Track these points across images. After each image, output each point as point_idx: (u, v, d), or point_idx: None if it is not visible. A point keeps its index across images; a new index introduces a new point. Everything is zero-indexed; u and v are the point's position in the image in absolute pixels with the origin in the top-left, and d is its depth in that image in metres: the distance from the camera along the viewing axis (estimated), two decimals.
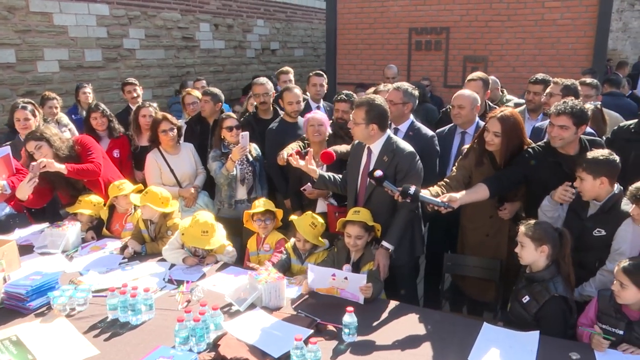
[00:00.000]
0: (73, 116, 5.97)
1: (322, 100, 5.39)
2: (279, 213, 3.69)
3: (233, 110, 6.28)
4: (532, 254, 2.68)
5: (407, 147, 3.29)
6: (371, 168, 3.27)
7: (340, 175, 3.60)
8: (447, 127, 4.07)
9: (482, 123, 3.70)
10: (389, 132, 3.33)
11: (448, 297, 4.07)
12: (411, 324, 2.71)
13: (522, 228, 2.73)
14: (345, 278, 2.87)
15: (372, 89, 4.71)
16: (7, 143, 4.38)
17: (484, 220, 3.48)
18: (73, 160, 3.93)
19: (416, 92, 3.87)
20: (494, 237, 3.50)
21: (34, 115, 4.59)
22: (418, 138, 3.73)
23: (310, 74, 5.41)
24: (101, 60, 8.47)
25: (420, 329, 2.67)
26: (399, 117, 3.82)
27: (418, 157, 3.27)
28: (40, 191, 3.87)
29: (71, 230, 3.70)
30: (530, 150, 3.25)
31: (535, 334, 2.48)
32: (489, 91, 4.50)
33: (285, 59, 12.86)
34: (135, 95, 5.84)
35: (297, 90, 4.54)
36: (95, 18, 8.31)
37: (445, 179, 3.35)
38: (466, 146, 3.57)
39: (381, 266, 3.12)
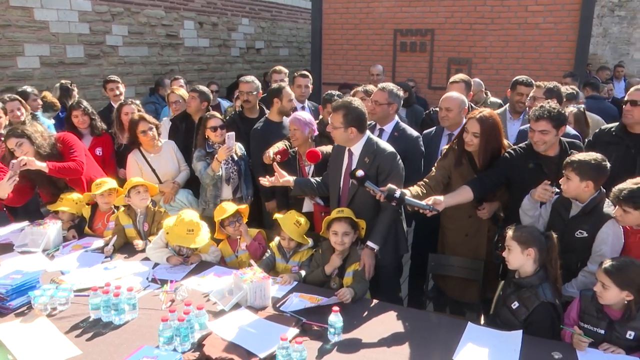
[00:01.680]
0: (60, 114, 5.86)
1: (307, 100, 5.39)
2: (246, 210, 3.70)
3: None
4: (519, 258, 2.69)
5: (388, 147, 3.31)
6: (351, 170, 3.29)
7: (318, 179, 3.61)
8: (434, 129, 4.10)
9: None
10: (368, 133, 3.35)
11: (431, 297, 4.10)
12: (395, 323, 2.73)
13: (509, 232, 2.76)
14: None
15: (354, 90, 4.74)
16: None
17: (463, 221, 3.51)
18: (55, 158, 3.87)
19: (401, 93, 3.89)
20: (474, 237, 3.53)
21: (24, 110, 4.56)
22: (403, 139, 3.75)
23: (296, 74, 5.41)
24: (83, 57, 8.35)
25: (405, 328, 2.68)
26: (383, 117, 3.84)
27: (399, 157, 3.30)
28: (21, 189, 3.81)
29: (52, 229, 3.65)
30: (511, 151, 3.29)
31: (518, 333, 2.51)
32: (471, 93, 4.54)
33: (270, 58, 12.82)
34: (117, 92, 5.77)
35: (289, 89, 4.56)
36: (78, 14, 8.18)
37: (424, 179, 3.37)
38: (445, 146, 3.60)
39: (367, 266, 3.13)
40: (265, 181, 3.50)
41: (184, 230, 3.30)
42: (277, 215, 3.43)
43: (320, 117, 4.66)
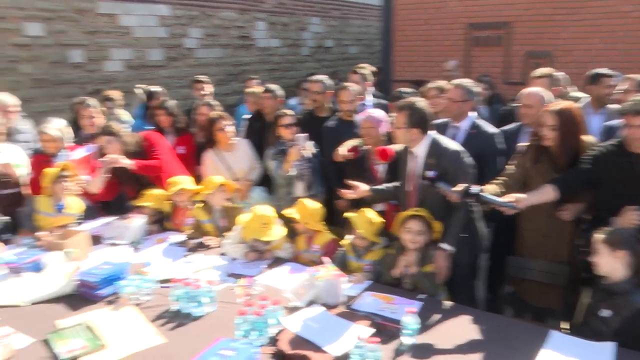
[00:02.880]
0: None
1: (370, 96, 5.33)
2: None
3: None
4: (609, 262, 2.53)
5: (452, 145, 3.22)
6: (418, 171, 3.23)
7: (397, 184, 3.57)
8: (513, 126, 3.94)
9: None
10: (432, 133, 3.27)
11: (510, 302, 3.94)
12: (472, 327, 2.64)
13: (598, 235, 2.60)
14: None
15: (425, 87, 4.64)
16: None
17: (543, 221, 3.33)
18: (140, 156, 4.11)
19: (478, 90, 3.77)
20: (553, 239, 3.35)
21: (99, 113, 4.82)
22: (480, 136, 3.64)
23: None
24: (163, 60, 8.77)
25: (482, 333, 2.59)
26: (459, 115, 3.73)
27: (466, 155, 3.20)
28: (110, 185, 4.10)
29: (137, 223, 3.85)
30: (598, 148, 3.09)
31: (611, 345, 2.34)
32: (555, 88, 4.31)
33: (339, 57, 12.87)
34: (204, 92, 5.99)
35: (353, 89, 4.51)
36: (157, 19, 8.60)
37: (502, 177, 3.25)
38: (523, 143, 3.44)
39: (441, 268, 3.06)
40: (344, 194, 3.52)
41: (259, 223, 3.38)
42: (349, 214, 3.42)
43: (391, 114, 4.61)
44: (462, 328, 2.62)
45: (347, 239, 3.47)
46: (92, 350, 2.39)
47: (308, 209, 3.57)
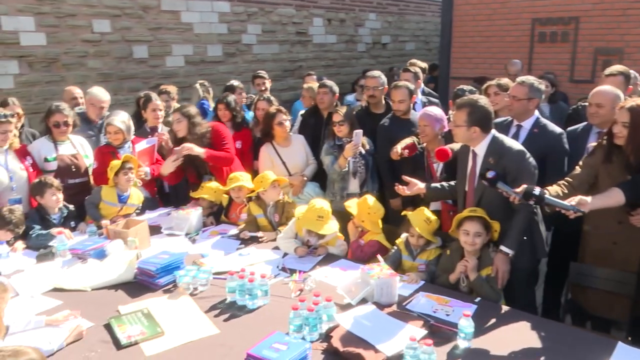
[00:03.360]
0: (204, 106, 6.31)
1: (420, 94, 5.23)
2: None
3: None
4: None
5: (515, 145, 3.10)
6: (477, 171, 3.12)
7: (452, 182, 3.49)
8: (581, 126, 3.74)
9: None
10: (493, 132, 3.15)
11: (570, 310, 3.76)
12: (530, 333, 2.54)
13: None
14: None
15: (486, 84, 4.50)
16: None
17: (612, 227, 3.14)
18: (202, 145, 4.26)
19: (543, 87, 3.61)
20: (623, 246, 3.15)
21: (162, 107, 4.99)
22: (544, 136, 3.48)
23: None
24: (221, 55, 8.94)
25: (540, 341, 2.48)
26: (522, 113, 3.59)
27: (528, 155, 3.06)
28: (176, 170, 4.33)
29: (194, 215, 3.95)
30: None
31: None
32: (630, 87, 4.06)
33: (395, 53, 12.70)
34: (263, 88, 6.07)
35: (405, 89, 4.42)
36: (218, 15, 8.78)
37: (567, 178, 3.08)
38: (593, 143, 3.26)
39: (500, 272, 2.95)
40: (400, 190, 3.46)
41: (315, 216, 3.40)
42: (406, 212, 3.37)
43: (451, 112, 4.50)
44: (519, 334, 2.52)
45: (401, 238, 3.42)
46: (150, 337, 2.47)
47: (368, 207, 3.53)
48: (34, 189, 3.83)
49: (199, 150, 4.20)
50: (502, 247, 3.00)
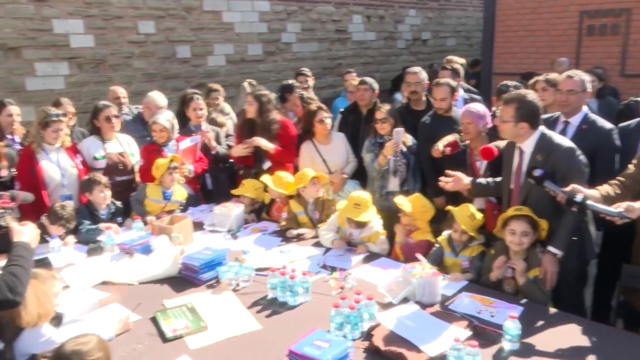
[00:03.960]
0: None
1: (462, 90, 5.12)
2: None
3: None
4: None
5: (565, 142, 2.99)
6: (524, 168, 3.03)
7: (497, 179, 3.40)
8: (634, 122, 3.58)
9: None
10: (542, 128, 3.05)
11: (621, 313, 3.61)
12: (579, 337, 2.45)
13: None
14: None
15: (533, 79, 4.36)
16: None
17: None
18: (268, 132, 4.49)
19: (589, 79, 3.47)
20: None
21: (205, 106, 5.07)
22: (593, 132, 3.36)
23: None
24: (261, 54, 9.04)
25: (590, 345, 2.40)
26: (578, 107, 3.47)
27: (579, 152, 2.95)
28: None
29: (235, 211, 4.00)
30: None
31: None
32: None
33: (436, 49, 12.52)
34: (306, 85, 6.10)
35: (446, 87, 4.34)
36: (258, 14, 8.88)
37: (619, 177, 2.95)
38: None
39: (549, 274, 2.86)
40: (444, 184, 3.40)
41: (352, 204, 3.43)
42: (450, 207, 3.31)
43: (494, 109, 4.40)
44: (568, 337, 2.44)
45: (444, 235, 3.37)
46: (194, 331, 2.52)
47: (421, 205, 3.50)
48: (84, 185, 3.97)
49: (268, 146, 4.41)
50: (550, 248, 2.90)
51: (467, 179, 3.38)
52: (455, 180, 3.37)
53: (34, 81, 6.60)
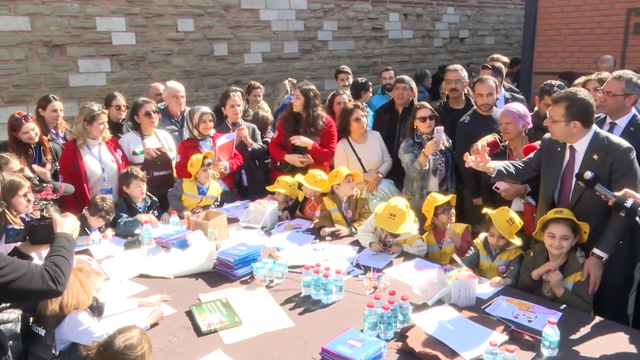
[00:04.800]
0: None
1: (503, 90, 5.00)
2: (453, 199, 3.60)
3: None
4: None
5: (623, 142, 2.86)
6: (577, 169, 2.92)
7: (518, 163, 3.28)
8: None
9: None
10: (595, 127, 2.93)
11: None
12: (623, 346, 2.36)
13: None
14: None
15: (581, 79, 4.21)
16: None
17: None
18: (313, 128, 4.55)
19: None
20: None
21: (242, 102, 5.12)
22: None
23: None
24: (297, 52, 9.07)
25: (632, 354, 2.31)
26: (617, 110, 3.34)
27: (635, 153, 2.83)
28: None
29: (270, 208, 4.02)
30: None
31: None
32: None
33: (474, 48, 12.30)
34: (347, 83, 6.09)
35: (491, 82, 4.25)
36: (295, 12, 8.90)
37: None
38: None
39: (592, 277, 2.76)
40: (470, 162, 3.26)
41: (387, 214, 3.36)
42: (488, 210, 3.24)
43: (536, 109, 4.29)
44: (610, 346, 2.36)
45: (480, 238, 3.30)
46: (228, 326, 2.55)
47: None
48: (122, 178, 4.08)
49: (307, 142, 4.46)
50: (596, 250, 2.80)
51: (492, 163, 3.23)
52: (481, 155, 3.23)
53: (76, 77, 6.81)
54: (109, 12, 6.93)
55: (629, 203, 2.44)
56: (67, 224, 2.21)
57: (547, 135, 3.14)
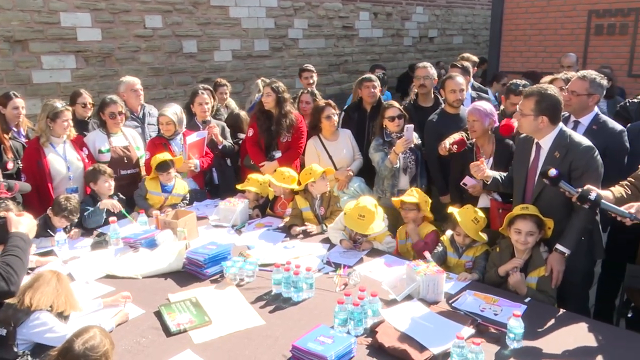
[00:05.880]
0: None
1: (471, 89, 5.13)
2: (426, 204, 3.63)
3: None
4: None
5: (584, 141, 2.95)
6: (540, 165, 3.01)
7: (503, 174, 3.38)
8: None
9: None
10: (561, 125, 3.02)
11: (624, 314, 3.60)
12: (584, 337, 2.45)
13: None
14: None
15: (547, 78, 4.32)
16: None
17: None
18: (284, 125, 4.64)
19: (605, 82, 3.45)
20: None
21: (211, 100, 5.07)
22: (603, 133, 3.33)
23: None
24: (268, 50, 9.02)
25: (593, 343, 2.39)
26: (581, 109, 3.44)
27: (597, 152, 2.92)
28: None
29: (240, 207, 4.00)
30: None
31: None
32: None
33: (442, 47, 12.49)
34: (311, 81, 6.09)
35: (460, 79, 4.33)
36: (265, 10, 8.86)
37: (630, 179, 2.93)
38: None
39: (555, 272, 2.85)
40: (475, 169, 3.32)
41: (356, 214, 3.38)
42: (453, 209, 3.30)
43: (502, 107, 4.38)
44: (571, 337, 2.44)
45: (447, 235, 3.36)
46: (198, 325, 2.53)
47: (423, 194, 3.59)
48: (88, 175, 3.99)
49: (272, 166, 4.55)
50: (559, 246, 2.89)
51: (489, 172, 3.33)
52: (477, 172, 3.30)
53: (40, 74, 6.62)
54: (74, 7, 6.76)
55: (592, 195, 2.53)
56: (22, 223, 2.14)
57: (522, 136, 3.22)
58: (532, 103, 2.93)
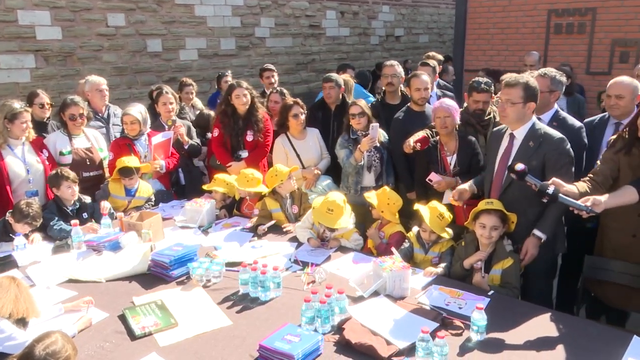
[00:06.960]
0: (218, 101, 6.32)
1: (436, 87, 5.23)
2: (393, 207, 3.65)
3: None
4: None
5: (557, 133, 3.07)
6: (513, 154, 3.09)
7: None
8: (597, 117, 3.68)
9: None
10: (534, 117, 3.12)
11: (584, 304, 3.72)
12: (545, 327, 2.52)
13: None
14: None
15: (507, 75, 4.42)
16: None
17: (632, 220, 3.08)
18: (257, 127, 4.68)
19: (564, 80, 3.55)
20: None
21: (175, 101, 5.00)
22: (563, 129, 3.42)
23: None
24: (234, 49, 8.95)
25: (554, 333, 2.46)
26: (543, 106, 3.54)
27: (569, 143, 3.03)
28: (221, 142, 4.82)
29: (206, 207, 3.96)
30: None
31: None
32: None
33: (409, 46, 12.62)
34: (272, 80, 6.07)
35: (425, 77, 4.40)
36: (231, 8, 8.78)
37: (590, 174, 3.03)
38: (613, 137, 3.20)
39: (529, 255, 2.99)
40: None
41: (325, 209, 3.39)
42: (419, 206, 3.34)
43: (465, 104, 4.46)
44: (533, 327, 2.50)
45: (413, 232, 3.40)
46: (163, 328, 2.49)
47: (388, 198, 3.58)
48: (51, 180, 3.87)
49: (239, 166, 4.55)
50: (536, 231, 3.00)
51: (464, 185, 3.41)
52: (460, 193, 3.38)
53: None
54: (32, 4, 6.55)
55: (550, 190, 2.61)
56: None
57: (495, 129, 3.32)
58: (519, 90, 3.01)
